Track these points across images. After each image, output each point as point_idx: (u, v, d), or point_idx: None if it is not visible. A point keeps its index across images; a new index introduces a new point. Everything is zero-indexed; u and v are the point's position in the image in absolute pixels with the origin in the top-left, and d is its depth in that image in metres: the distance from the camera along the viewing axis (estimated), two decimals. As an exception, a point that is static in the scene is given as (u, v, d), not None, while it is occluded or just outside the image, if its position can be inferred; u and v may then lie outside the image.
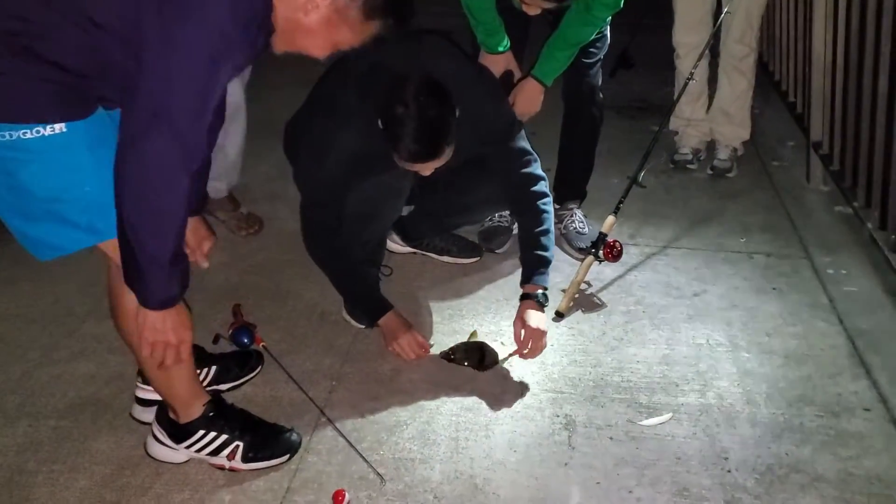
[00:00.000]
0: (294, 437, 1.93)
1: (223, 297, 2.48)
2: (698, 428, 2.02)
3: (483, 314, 2.47)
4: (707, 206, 3.15)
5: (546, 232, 2.28)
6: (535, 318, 2.20)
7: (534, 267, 2.27)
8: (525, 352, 2.19)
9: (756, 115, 3.41)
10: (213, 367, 2.10)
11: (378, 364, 2.24)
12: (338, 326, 2.38)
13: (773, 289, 2.61)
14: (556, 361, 2.26)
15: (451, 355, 2.23)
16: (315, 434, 1.98)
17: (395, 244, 2.72)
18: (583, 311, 2.48)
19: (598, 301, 2.54)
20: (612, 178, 3.14)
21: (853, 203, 2.84)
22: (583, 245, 2.70)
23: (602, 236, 2.50)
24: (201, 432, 1.86)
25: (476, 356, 2.23)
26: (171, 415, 1.86)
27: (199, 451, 1.87)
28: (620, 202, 2.55)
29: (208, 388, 1.95)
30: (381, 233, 2.46)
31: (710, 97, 3.36)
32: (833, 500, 1.79)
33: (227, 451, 1.87)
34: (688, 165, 3.41)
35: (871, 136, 2.67)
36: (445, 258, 2.71)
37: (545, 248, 2.27)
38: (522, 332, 2.19)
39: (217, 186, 2.80)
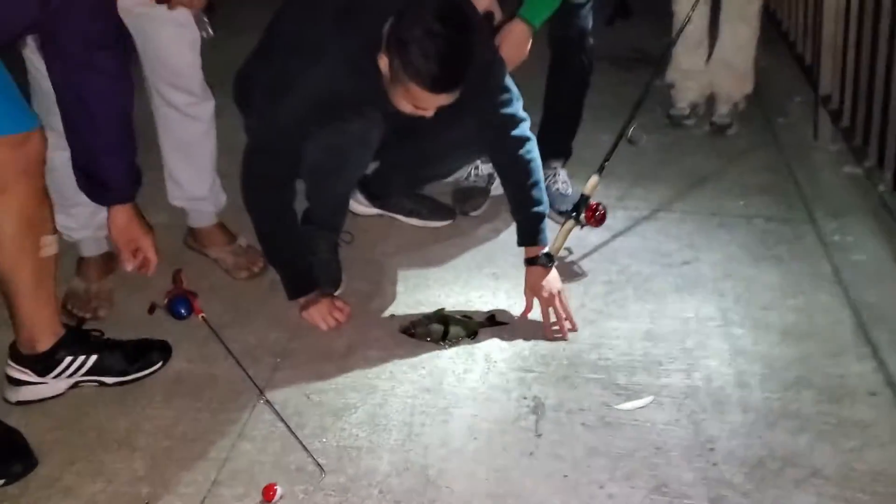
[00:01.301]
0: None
1: (164, 261, 2.24)
2: (682, 414, 1.81)
3: (452, 284, 2.24)
4: (704, 165, 2.90)
5: (536, 184, 2.07)
6: (550, 283, 2.04)
7: (531, 225, 2.08)
8: (553, 326, 2.04)
9: (760, 67, 3.13)
10: (94, 357, 1.82)
11: (330, 339, 2.02)
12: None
13: (773, 256, 2.37)
14: (526, 337, 2.03)
15: (412, 329, 2.01)
16: (251, 418, 1.77)
17: (358, 205, 2.49)
18: (561, 280, 2.25)
19: (578, 270, 2.31)
20: (601, 134, 2.86)
21: (864, 163, 2.60)
22: (564, 208, 2.46)
23: (584, 198, 2.26)
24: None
25: (439, 330, 2.01)
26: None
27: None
28: (605, 161, 2.30)
29: (87, 378, 1.83)
30: (344, 191, 2.23)
31: (711, 47, 3.08)
32: (832, 499, 1.58)
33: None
34: (684, 121, 3.16)
35: (887, 90, 2.42)
36: (414, 220, 2.48)
37: (538, 202, 2.07)
38: (545, 306, 2.04)
39: (203, 210, 2.25)
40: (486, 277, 2.27)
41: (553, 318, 2.04)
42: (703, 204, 2.66)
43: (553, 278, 2.06)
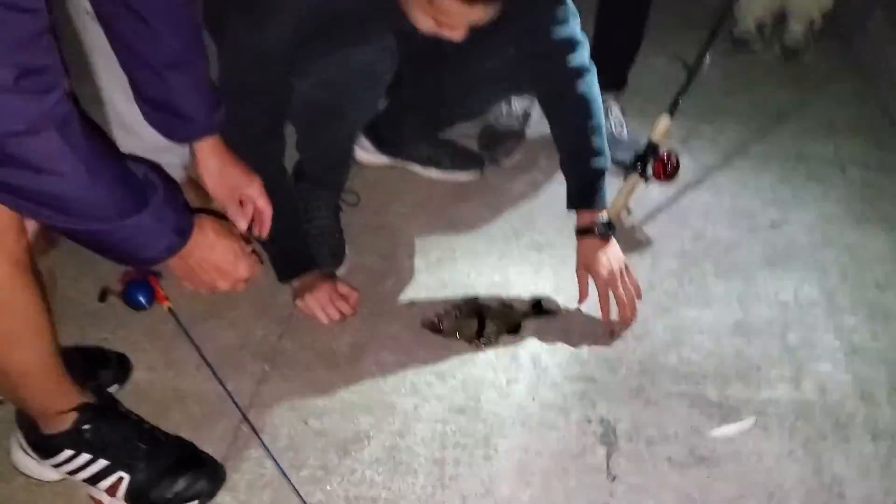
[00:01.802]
0: (216, 470, 1.30)
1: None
2: (795, 442, 1.38)
3: (483, 257, 1.78)
4: (779, 98, 2.41)
5: (596, 129, 1.58)
6: (609, 258, 1.58)
7: (587, 183, 1.60)
8: (614, 318, 1.59)
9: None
10: None
11: (332, 338, 1.57)
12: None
13: (878, 217, 1.92)
14: (584, 332, 1.59)
15: (438, 323, 1.57)
16: (231, 454, 1.34)
17: (364, 153, 2.00)
18: (621, 251, 1.79)
19: (641, 237, 1.85)
20: (653, 57, 2.35)
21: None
22: (624, 157, 1.97)
23: (652, 147, 1.78)
24: (69, 452, 1.22)
25: (472, 325, 1.56)
26: (34, 420, 1.23)
27: (71, 472, 1.24)
28: (678, 98, 1.81)
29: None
30: (346, 139, 1.73)
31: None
32: None
33: (106, 483, 1.24)
34: (751, 43, 2.65)
35: None
36: (433, 172, 2.00)
37: (598, 153, 1.58)
38: (605, 290, 1.59)
39: (166, 163, 1.55)
40: (525, 248, 1.81)
41: (614, 308, 1.60)
42: (784, 147, 2.18)
43: (614, 252, 1.60)
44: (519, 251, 1.79)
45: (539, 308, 1.63)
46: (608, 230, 1.58)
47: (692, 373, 1.51)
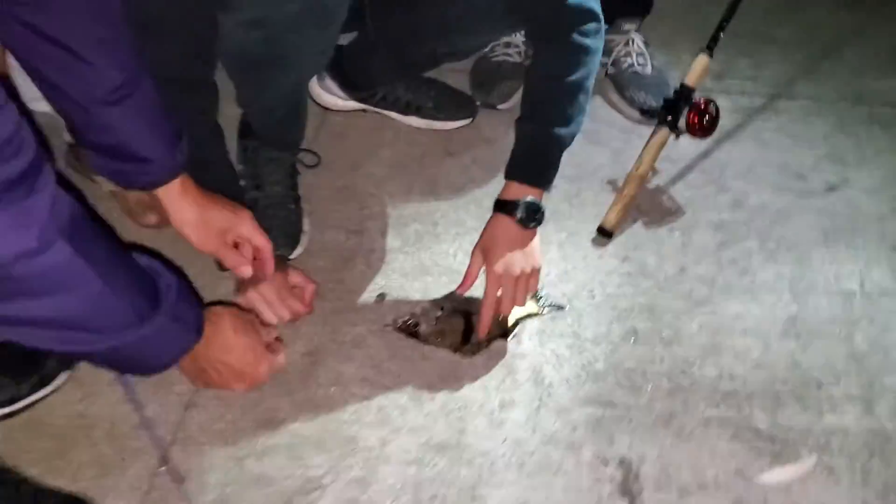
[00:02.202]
0: None
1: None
2: (870, 490, 1.08)
3: (474, 232, 1.43)
4: (832, 24, 2.01)
5: (576, 88, 1.20)
6: (517, 256, 1.21)
7: (536, 147, 1.22)
8: (484, 307, 1.22)
9: None
10: None
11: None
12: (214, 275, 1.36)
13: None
14: (599, 334, 1.26)
15: (414, 325, 1.24)
16: (142, 515, 1.04)
17: (329, 96, 1.63)
18: (644, 223, 1.45)
19: (668, 202, 1.50)
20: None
21: None
22: (649, 103, 1.61)
23: (686, 92, 1.42)
24: None
25: (457, 327, 1.24)
26: None
27: None
28: (719, 31, 1.44)
29: None
30: (294, 90, 1.34)
31: None
32: None
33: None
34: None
35: None
36: (414, 120, 1.63)
37: (565, 117, 1.20)
38: (492, 287, 1.21)
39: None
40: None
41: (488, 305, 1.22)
42: (840, 85, 1.80)
43: (530, 250, 1.23)
44: (518, 224, 1.45)
45: (541, 302, 1.30)
46: (533, 219, 1.21)
47: (735, 391, 1.19)
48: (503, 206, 1.21)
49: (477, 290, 1.24)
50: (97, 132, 0.97)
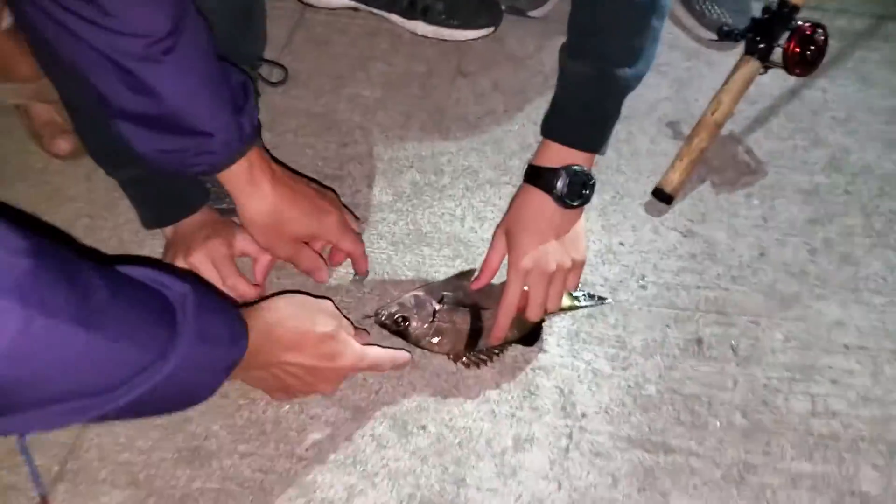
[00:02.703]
0: None
1: None
2: None
3: (488, 186, 1.09)
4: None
5: (648, 16, 0.81)
6: (555, 245, 0.86)
7: (582, 93, 0.84)
8: (505, 307, 0.88)
9: None
10: None
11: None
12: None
13: None
14: (651, 342, 0.93)
15: (401, 320, 0.90)
16: None
17: (310, -10, 1.25)
18: (714, 186, 1.10)
19: (748, 160, 1.15)
20: None
21: None
22: (727, 21, 1.24)
23: (785, 12, 1.05)
24: None
25: (461, 325, 0.91)
26: None
27: None
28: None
29: None
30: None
31: None
32: None
33: None
34: None
35: None
36: (418, 26, 1.26)
37: (630, 49, 0.82)
38: (515, 283, 0.87)
39: None
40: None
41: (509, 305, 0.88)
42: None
43: (572, 237, 0.88)
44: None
45: (576, 293, 0.96)
46: (579, 195, 0.85)
47: (834, 436, 0.87)
48: (538, 176, 0.86)
49: (495, 276, 0.91)
50: (135, 97, 0.73)
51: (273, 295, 0.81)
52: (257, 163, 0.83)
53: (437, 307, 0.90)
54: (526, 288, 0.86)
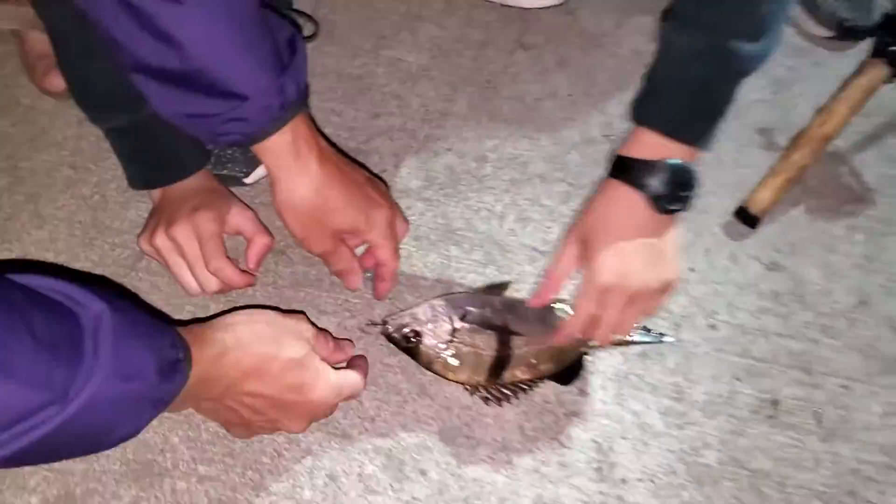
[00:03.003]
0: None
1: None
2: None
3: (544, 183, 0.92)
4: None
5: None
6: (645, 259, 0.70)
7: (689, 72, 0.66)
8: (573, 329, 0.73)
9: None
10: None
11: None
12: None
13: None
14: (717, 397, 0.75)
15: (413, 335, 0.74)
16: None
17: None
18: (808, 212, 0.92)
19: (853, 184, 0.95)
20: None
21: None
22: (847, 16, 1.04)
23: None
24: None
25: (485, 350, 0.74)
26: None
27: None
28: None
29: None
30: None
31: None
32: None
33: None
34: None
35: None
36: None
37: (752, 20, 0.63)
38: (585, 308, 0.72)
39: None
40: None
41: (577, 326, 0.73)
42: None
43: (660, 247, 0.71)
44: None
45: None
46: (677, 198, 0.69)
47: (938, 548, 0.69)
48: (627, 169, 0.69)
49: (520, 287, 0.74)
50: (156, 49, 0.59)
51: (233, 309, 0.65)
52: (303, 135, 0.67)
53: (458, 325, 0.74)
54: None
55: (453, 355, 0.73)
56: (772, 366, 0.78)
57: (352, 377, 0.68)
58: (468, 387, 0.74)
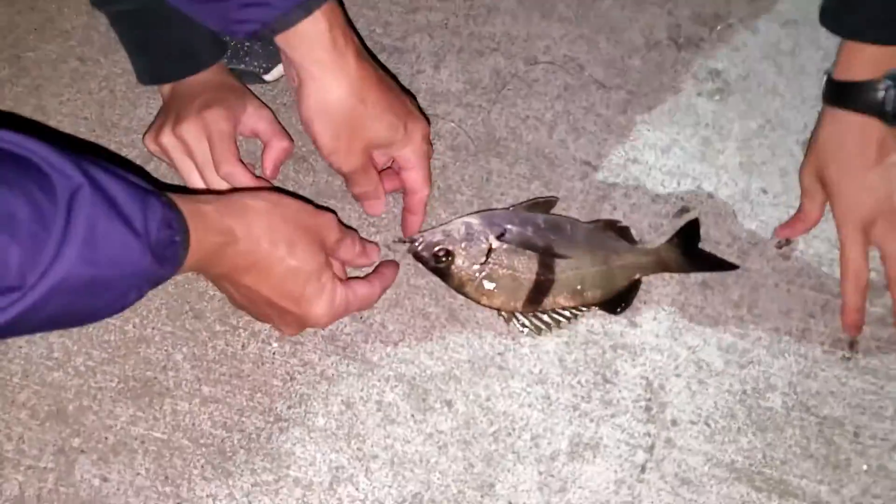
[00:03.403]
0: None
1: None
2: None
3: (604, 91, 0.82)
4: None
5: None
6: (863, 166, 0.66)
7: None
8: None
9: None
10: None
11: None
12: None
13: None
14: (784, 333, 0.67)
15: (443, 255, 0.66)
16: None
17: None
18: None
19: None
20: None
21: None
22: None
23: None
24: None
25: (524, 274, 0.66)
26: None
27: None
28: None
29: None
30: None
31: None
32: None
33: None
34: None
35: None
36: None
37: None
38: (857, 243, 0.68)
39: None
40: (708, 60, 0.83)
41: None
42: None
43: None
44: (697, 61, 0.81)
45: (694, 238, 0.70)
46: None
47: None
48: (849, 95, 0.66)
49: (568, 205, 0.65)
50: None
51: (258, 190, 0.58)
52: (340, 24, 0.58)
53: (495, 244, 0.66)
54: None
55: (488, 278, 0.65)
56: (851, 302, 0.69)
57: (361, 292, 0.61)
58: (503, 313, 0.66)
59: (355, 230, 0.65)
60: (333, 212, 0.63)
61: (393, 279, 0.66)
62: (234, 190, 0.64)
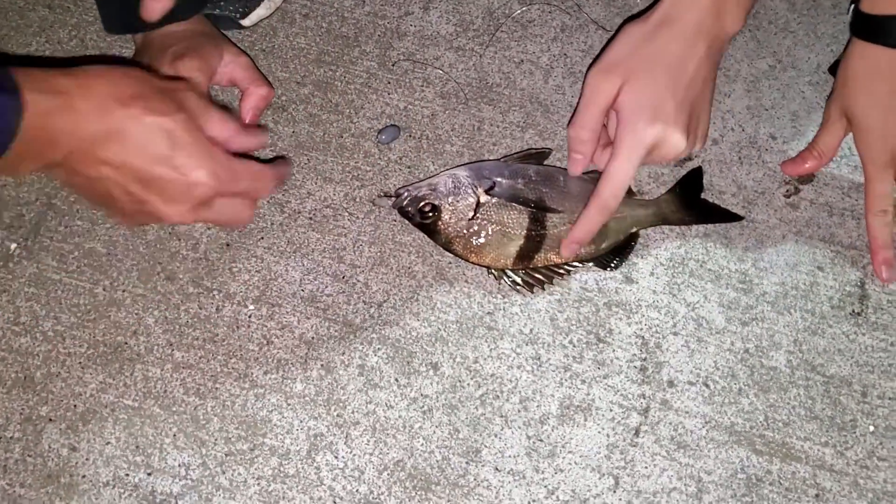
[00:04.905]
0: None
1: None
2: None
3: (604, 31, 0.77)
4: None
5: None
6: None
7: None
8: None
9: None
10: None
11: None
12: None
13: None
14: (790, 287, 0.63)
15: (430, 210, 0.62)
16: None
17: None
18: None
19: None
20: None
21: None
22: None
23: None
24: None
25: (513, 229, 0.62)
26: None
27: None
28: None
29: None
30: None
31: None
32: None
33: None
34: None
35: None
36: None
37: None
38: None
39: None
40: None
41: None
42: None
43: None
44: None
45: (694, 181, 0.66)
46: None
47: None
48: (879, 31, 0.63)
49: (563, 156, 0.61)
50: None
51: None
52: None
53: (483, 198, 0.62)
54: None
55: (477, 234, 0.62)
56: (862, 253, 0.65)
57: (248, 163, 0.54)
58: (493, 271, 0.63)
59: (227, 107, 0.60)
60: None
61: (287, 172, 0.62)
62: None
